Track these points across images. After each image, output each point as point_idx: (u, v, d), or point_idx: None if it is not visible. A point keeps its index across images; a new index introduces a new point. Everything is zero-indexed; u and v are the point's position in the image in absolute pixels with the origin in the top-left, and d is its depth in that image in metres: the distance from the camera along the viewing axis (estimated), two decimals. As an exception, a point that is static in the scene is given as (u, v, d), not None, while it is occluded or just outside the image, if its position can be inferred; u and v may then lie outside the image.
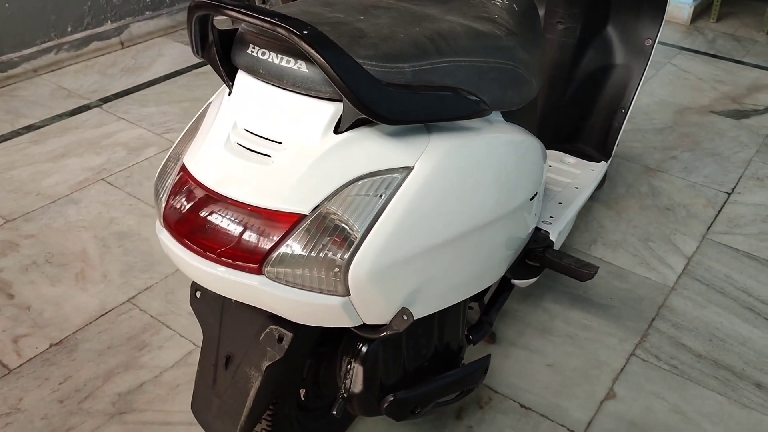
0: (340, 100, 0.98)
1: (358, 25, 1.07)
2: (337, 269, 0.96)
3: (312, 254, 0.96)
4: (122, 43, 3.35)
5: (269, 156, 0.99)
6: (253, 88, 1.03)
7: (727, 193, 2.45)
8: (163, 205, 1.05)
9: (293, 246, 0.96)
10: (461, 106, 1.06)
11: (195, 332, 1.78)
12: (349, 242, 0.96)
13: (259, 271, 0.98)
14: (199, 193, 1.01)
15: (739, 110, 3.02)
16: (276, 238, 0.96)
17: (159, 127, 2.71)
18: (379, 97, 0.93)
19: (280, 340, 1.08)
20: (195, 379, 1.20)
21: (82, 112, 2.82)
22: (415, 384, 1.22)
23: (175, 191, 1.04)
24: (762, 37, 3.78)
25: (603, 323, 1.87)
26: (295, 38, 0.87)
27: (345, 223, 0.96)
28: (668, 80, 3.21)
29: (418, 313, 1.07)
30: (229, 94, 1.07)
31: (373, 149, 0.99)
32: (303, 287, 0.98)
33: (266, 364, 1.09)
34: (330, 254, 0.96)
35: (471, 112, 1.08)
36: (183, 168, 1.05)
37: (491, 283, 1.29)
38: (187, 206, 1.01)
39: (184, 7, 3.62)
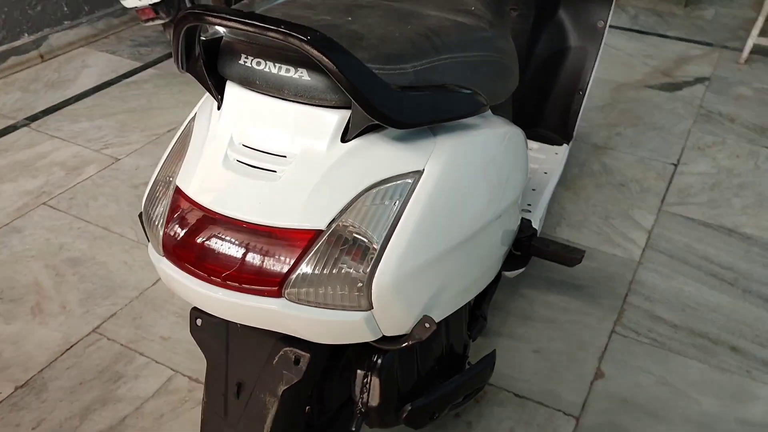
0: (345, 107, 0.93)
1: (350, 27, 1.02)
2: (360, 284, 0.92)
3: (333, 271, 0.92)
4: (42, 56, 3.16)
5: (275, 171, 0.94)
6: (248, 101, 0.97)
7: (674, 164, 2.53)
8: (161, 233, 0.98)
9: (313, 264, 0.92)
10: (465, 103, 1.04)
11: (172, 357, 1.70)
12: (369, 254, 0.92)
13: (278, 294, 0.93)
14: (203, 217, 0.94)
15: (671, 83, 3.12)
16: (294, 258, 0.91)
17: (96, 143, 2.57)
18: (391, 101, 0.90)
19: (297, 361, 1.03)
20: (202, 411, 1.13)
21: (9, 133, 2.64)
22: (429, 389, 1.19)
23: (175, 217, 0.97)
24: (681, 10, 3.92)
25: (580, 304, 1.89)
26: (306, 46, 0.82)
27: (363, 235, 0.92)
28: (600, 58, 3.28)
29: (436, 318, 1.04)
30: (219, 108, 1.01)
31: (382, 156, 0.95)
32: (325, 306, 0.93)
33: (283, 388, 1.04)
34: (352, 269, 0.92)
35: (474, 109, 1.05)
36: (178, 191, 0.99)
37: (492, 278, 1.28)
38: (192, 232, 0.95)
39: (105, 15, 3.45)
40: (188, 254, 0.95)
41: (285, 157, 0.95)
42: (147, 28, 3.51)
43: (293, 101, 0.94)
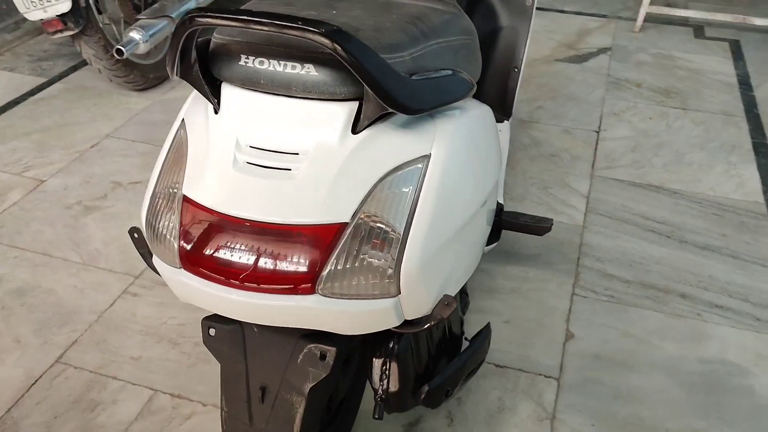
0: (353, 99, 0.94)
1: (340, 19, 1.02)
2: (390, 270, 0.93)
3: (363, 262, 0.92)
4: (-68, 80, 2.94)
5: (289, 170, 0.93)
6: (252, 101, 0.96)
7: (596, 131, 2.67)
8: (176, 245, 0.96)
9: (343, 257, 0.92)
10: (459, 86, 1.06)
11: (147, 376, 1.64)
12: (394, 241, 0.93)
13: (312, 291, 0.93)
14: (223, 224, 0.93)
15: (578, 55, 3.28)
16: (325, 254, 0.91)
17: (15, 167, 2.42)
18: (405, 89, 0.91)
19: (323, 357, 1.03)
20: (223, 422, 1.11)
21: None
22: (439, 369, 1.22)
23: (189, 227, 0.95)
24: (573, -14, 4.11)
25: (538, 272, 1.97)
26: (325, 40, 0.82)
27: (386, 224, 0.93)
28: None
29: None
30: (216, 112, 0.99)
31: (392, 144, 0.97)
32: (357, 297, 0.94)
33: (310, 385, 1.04)
34: (380, 257, 0.93)
35: (467, 91, 1.09)
36: (187, 201, 0.96)
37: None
38: (215, 240, 0.93)
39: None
40: (213, 262, 0.93)
41: (297, 154, 0.94)
42: (44, 41, 3.32)
43: (302, 98, 0.94)
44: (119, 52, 2.16)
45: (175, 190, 0.99)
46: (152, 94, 2.85)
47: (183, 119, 1.05)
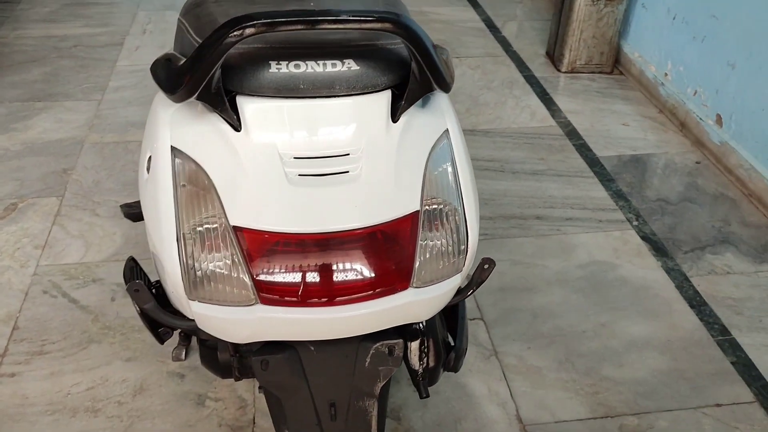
0: (387, 88, 0.92)
1: (326, 8, 0.98)
2: (462, 246, 0.95)
3: (441, 244, 0.93)
4: None
5: (347, 172, 0.89)
6: (284, 110, 0.89)
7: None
8: (250, 281, 0.86)
9: (426, 245, 0.91)
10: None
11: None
12: (456, 218, 0.95)
13: (407, 286, 0.91)
14: (302, 244, 0.85)
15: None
16: (410, 246, 0.90)
17: None
18: (445, 67, 0.92)
19: (391, 352, 1.01)
20: (292, 456, 1.03)
21: None
22: (454, 330, 1.25)
23: (260, 258, 0.86)
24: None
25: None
26: (399, 30, 0.80)
27: (445, 203, 0.95)
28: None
29: None
30: (238, 129, 0.90)
31: (423, 125, 0.97)
32: (440, 280, 0.94)
33: (381, 384, 1.02)
34: (452, 236, 0.94)
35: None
36: (241, 231, 0.86)
37: None
38: (297, 264, 0.85)
39: None
40: (302, 286, 0.86)
41: (348, 155, 0.90)
42: None
43: (344, 95, 0.89)
44: None
45: (215, 225, 0.88)
46: None
47: (173, 147, 0.93)
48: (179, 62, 0.92)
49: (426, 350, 1.14)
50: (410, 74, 0.91)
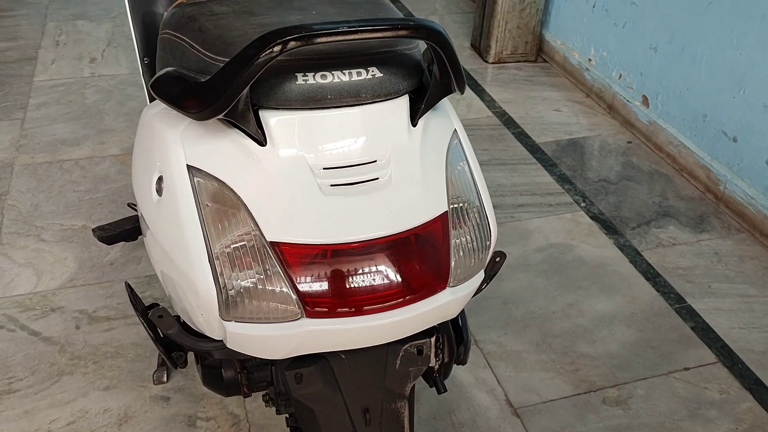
0: (406, 93, 0.94)
1: (333, 17, 0.98)
2: (488, 242, 0.97)
3: (470, 242, 0.95)
4: None
5: (377, 179, 0.90)
6: (311, 121, 0.88)
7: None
8: (295, 295, 0.85)
9: (458, 244, 0.93)
10: None
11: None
12: (477, 215, 0.98)
13: (446, 286, 0.92)
14: (344, 254, 0.85)
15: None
16: (444, 247, 0.91)
17: None
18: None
19: (420, 352, 1.03)
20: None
21: None
22: (456, 323, 1.27)
23: (304, 272, 0.85)
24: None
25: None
26: (434, 38, 0.82)
27: (468, 202, 0.97)
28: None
29: None
30: (263, 144, 0.88)
31: (437, 127, 0.99)
32: (470, 277, 0.97)
33: (411, 385, 1.04)
34: (477, 233, 0.96)
35: None
36: (281, 246, 0.85)
37: None
38: (342, 274, 0.85)
39: None
40: (349, 295, 0.86)
41: (375, 162, 0.91)
42: None
43: (369, 102, 0.90)
44: None
45: (251, 242, 0.86)
46: None
47: (190, 166, 0.91)
48: (197, 79, 0.89)
49: (441, 346, 1.16)
50: (432, 78, 0.92)
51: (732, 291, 1.92)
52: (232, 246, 0.87)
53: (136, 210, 1.78)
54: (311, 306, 0.87)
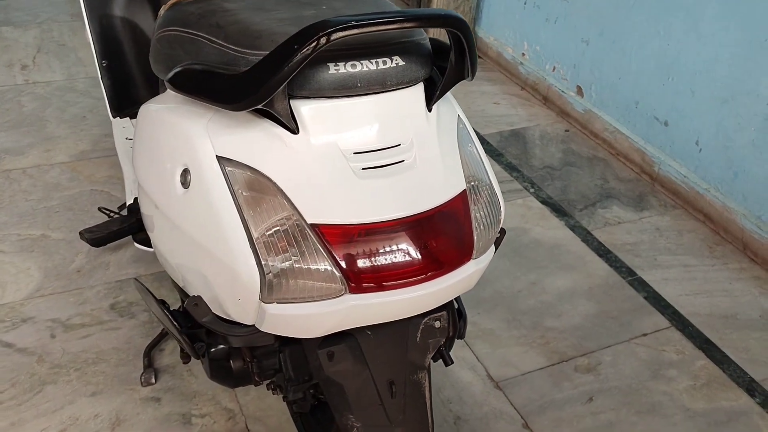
0: (423, 79, 1.00)
1: (344, 11, 1.03)
2: (500, 217, 1.05)
3: (485, 216, 1.02)
4: None
5: (403, 161, 0.96)
6: (341, 108, 0.93)
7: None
8: (339, 273, 0.90)
9: (477, 218, 1.00)
10: None
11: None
12: (489, 191, 1.05)
13: (470, 257, 0.99)
14: (383, 231, 0.91)
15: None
16: (467, 222, 0.98)
17: None
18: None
19: (438, 324, 1.09)
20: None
21: None
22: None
23: (346, 251, 0.90)
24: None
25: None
26: (459, 28, 0.88)
27: (480, 180, 1.04)
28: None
29: None
30: (295, 132, 0.93)
31: (445, 113, 1.05)
32: (487, 248, 1.04)
33: (431, 356, 1.10)
34: (491, 208, 1.04)
35: None
36: (322, 228, 0.90)
37: None
38: (383, 251, 0.91)
39: None
40: (390, 269, 0.91)
41: (399, 145, 0.96)
42: None
43: (393, 89, 0.95)
44: None
45: (292, 226, 0.90)
46: None
47: (219, 156, 0.94)
48: (227, 72, 0.93)
49: (447, 322, 1.22)
50: (448, 65, 0.99)
51: (675, 262, 2.09)
52: (273, 229, 0.91)
53: (108, 214, 1.76)
54: (355, 282, 0.92)
